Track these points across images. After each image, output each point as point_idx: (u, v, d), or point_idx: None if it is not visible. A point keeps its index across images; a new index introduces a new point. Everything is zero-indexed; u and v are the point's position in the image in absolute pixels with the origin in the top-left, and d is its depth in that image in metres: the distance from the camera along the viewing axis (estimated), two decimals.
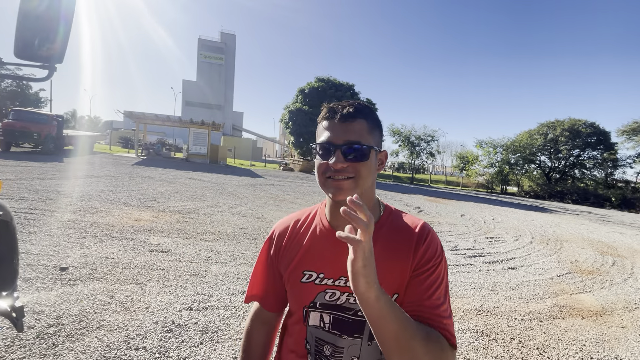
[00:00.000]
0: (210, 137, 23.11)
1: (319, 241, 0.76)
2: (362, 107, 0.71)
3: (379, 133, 0.74)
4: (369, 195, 0.73)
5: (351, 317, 0.71)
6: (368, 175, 0.69)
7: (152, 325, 2.40)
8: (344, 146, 0.67)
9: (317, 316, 0.73)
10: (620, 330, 3.20)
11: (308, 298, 0.74)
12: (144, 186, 8.83)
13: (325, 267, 0.73)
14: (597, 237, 8.61)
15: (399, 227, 0.75)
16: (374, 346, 0.70)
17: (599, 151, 30.30)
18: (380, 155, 0.74)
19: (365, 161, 0.68)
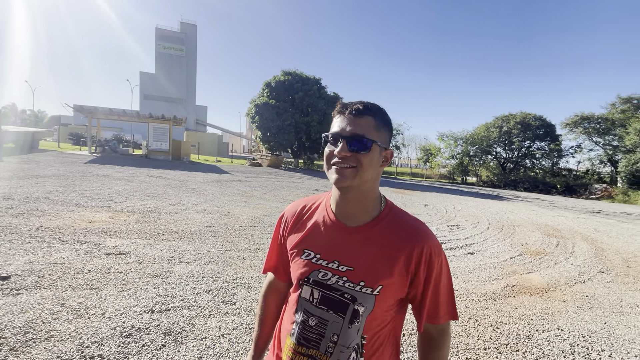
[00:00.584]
0: (172, 132, 22.02)
1: (321, 227, 0.84)
2: (372, 106, 0.77)
3: (386, 132, 0.79)
4: (370, 188, 0.79)
5: (338, 297, 0.78)
6: (369, 167, 0.74)
7: (109, 332, 2.27)
8: (349, 137, 0.74)
9: (308, 290, 0.81)
10: (562, 303, 3.54)
11: (304, 273, 0.82)
12: (98, 185, 8.26)
13: (322, 250, 0.81)
14: (544, 221, 9.40)
15: (397, 224, 0.80)
16: (354, 329, 0.76)
17: (547, 142, 32.96)
18: (386, 153, 0.80)
19: (367, 153, 0.74)
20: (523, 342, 2.68)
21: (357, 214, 0.80)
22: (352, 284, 0.76)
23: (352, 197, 0.78)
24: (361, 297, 0.76)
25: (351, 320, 0.76)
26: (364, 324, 0.77)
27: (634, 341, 2.84)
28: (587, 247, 6.38)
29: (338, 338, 0.77)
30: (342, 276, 0.77)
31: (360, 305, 0.76)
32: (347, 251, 0.79)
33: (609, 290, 4.06)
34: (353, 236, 0.79)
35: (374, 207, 0.81)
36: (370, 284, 0.75)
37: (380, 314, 0.78)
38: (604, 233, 8.19)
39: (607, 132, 29.31)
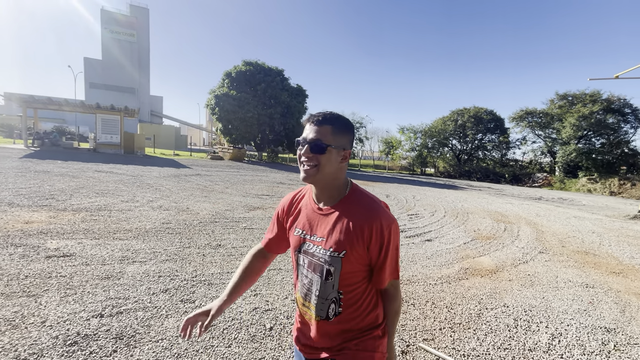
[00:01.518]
0: (124, 124, 20.50)
1: (306, 210, 1.09)
2: (331, 116, 0.98)
3: (344, 136, 0.99)
4: (333, 179, 1.01)
5: (317, 261, 1.01)
6: (327, 164, 0.96)
7: (50, 341, 2.07)
8: (309, 142, 0.96)
9: (301, 258, 1.07)
10: (508, 283, 3.86)
11: (297, 245, 1.08)
12: (37, 182, 7.47)
13: (306, 227, 1.07)
14: (494, 208, 10.16)
15: (357, 204, 1.01)
16: (329, 285, 1.00)
17: (496, 135, 35.48)
18: (344, 152, 1.00)
19: (323, 154, 0.95)
20: (474, 320, 2.88)
21: (327, 198, 1.05)
22: (325, 251, 0.99)
23: (320, 187, 1.03)
24: (331, 259, 0.98)
25: (326, 277, 0.99)
26: (337, 281, 0.99)
27: (566, 312, 3.17)
28: (529, 230, 7.01)
29: (319, 292, 1.01)
30: (319, 245, 1.01)
31: (331, 265, 0.98)
32: (322, 227, 1.02)
33: (547, 269, 4.49)
34: (325, 215, 1.03)
35: (339, 192, 1.04)
36: (337, 250, 0.97)
37: (349, 273, 0.99)
38: (543, 217, 9.04)
39: (547, 126, 32.21)
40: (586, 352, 2.50)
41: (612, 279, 4.28)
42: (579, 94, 29.79)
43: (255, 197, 8.56)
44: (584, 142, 29.23)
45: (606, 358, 2.45)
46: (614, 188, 23.06)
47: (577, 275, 4.31)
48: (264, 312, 2.73)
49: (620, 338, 2.76)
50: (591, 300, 3.52)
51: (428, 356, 2.32)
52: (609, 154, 27.74)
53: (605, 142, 28.45)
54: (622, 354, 2.53)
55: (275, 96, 25.43)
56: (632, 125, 28.30)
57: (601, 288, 3.90)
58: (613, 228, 8.15)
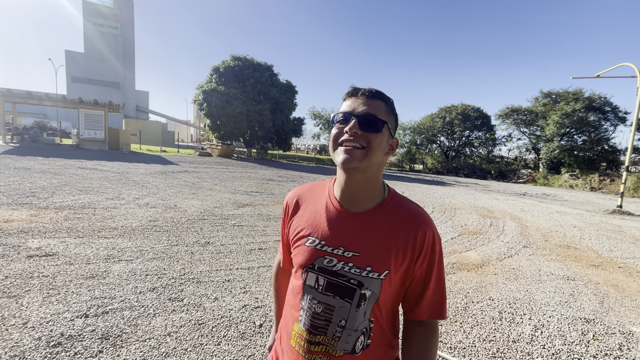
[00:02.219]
0: (108, 119, 19.98)
1: (325, 213, 0.83)
2: (383, 93, 0.79)
3: (394, 120, 0.80)
4: (375, 173, 0.79)
5: (344, 282, 0.78)
6: (378, 149, 0.74)
7: (32, 343, 2.01)
8: (362, 116, 0.74)
9: (313, 277, 0.81)
10: (493, 276, 3.95)
11: (308, 260, 0.81)
12: (16, 180, 7.23)
13: (327, 236, 0.81)
14: (480, 204, 10.37)
15: (401, 210, 0.81)
16: (361, 312, 0.77)
17: (483, 132, 36.14)
18: (392, 141, 0.79)
19: (379, 133, 0.74)
20: (460, 314, 2.95)
21: (361, 199, 0.80)
22: (359, 270, 0.77)
23: (358, 181, 0.78)
24: (368, 282, 0.76)
25: (358, 304, 0.77)
26: (371, 307, 0.78)
27: (548, 304, 3.28)
28: (514, 225, 7.18)
29: (346, 322, 0.78)
30: (348, 262, 0.77)
31: (367, 289, 0.76)
32: (352, 237, 0.79)
33: (531, 262, 4.62)
34: (357, 222, 0.79)
35: (377, 193, 0.82)
36: (377, 269, 0.76)
37: (387, 297, 0.79)
38: (528, 212, 9.28)
39: (531, 123, 33.00)
40: (567, 342, 2.59)
41: (592, 271, 4.43)
42: (563, 92, 30.59)
43: (245, 194, 8.50)
44: (566, 139, 30.08)
45: (585, 347, 2.55)
46: (595, 184, 23.84)
47: (559, 268, 4.45)
48: (253, 309, 2.72)
49: (599, 328, 2.87)
50: (572, 292, 3.64)
51: None
52: (590, 150, 28.65)
53: (586, 139, 29.36)
54: (600, 343, 2.63)
55: (264, 92, 25.20)
56: (612, 123, 29.30)
57: (581, 280, 4.04)
58: (593, 222, 8.43)
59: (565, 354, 2.44)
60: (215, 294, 2.91)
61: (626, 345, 2.63)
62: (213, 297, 2.85)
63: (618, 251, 5.60)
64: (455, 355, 2.33)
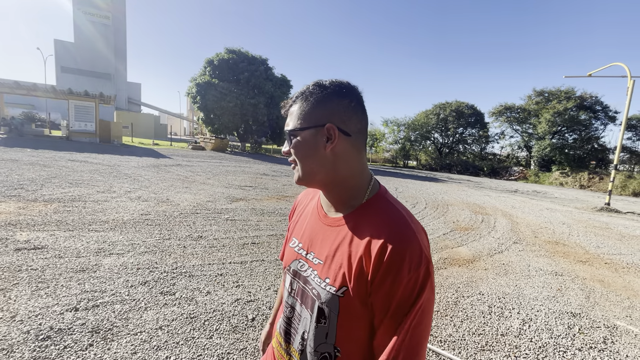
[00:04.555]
0: (99, 111, 19.62)
1: (309, 216, 0.80)
2: (303, 90, 0.68)
3: (322, 107, 0.65)
4: (331, 178, 0.68)
5: (309, 290, 0.71)
6: (305, 157, 0.67)
7: (20, 336, 1.99)
8: (287, 135, 0.70)
9: (289, 280, 0.78)
10: (484, 272, 4.01)
11: (288, 262, 0.80)
12: (4, 171, 7.08)
13: (304, 239, 0.77)
14: (473, 200, 10.48)
15: (374, 219, 0.65)
16: (321, 330, 0.67)
17: (476, 129, 36.42)
18: (325, 129, 0.65)
19: (297, 141, 0.67)
20: (451, 308, 2.99)
21: (335, 204, 0.73)
22: (319, 280, 0.67)
23: (323, 189, 0.73)
24: (324, 295, 0.65)
25: (317, 319, 0.67)
26: (334, 330, 0.65)
27: (536, 299, 3.34)
28: (505, 221, 7.29)
29: (307, 336, 0.69)
30: (314, 269, 0.70)
31: (324, 304, 0.65)
32: (323, 243, 0.71)
33: (520, 258, 4.70)
34: (330, 227, 0.71)
35: (353, 196, 0.69)
36: (334, 282, 0.64)
37: (350, 322, 0.64)
38: (518, 209, 9.42)
39: (524, 121, 33.33)
40: (553, 336, 2.65)
41: (579, 267, 4.53)
42: (555, 90, 30.93)
43: (238, 188, 8.46)
44: (557, 137, 30.49)
45: (571, 341, 2.61)
46: (584, 181, 24.27)
47: (548, 264, 4.54)
48: (246, 303, 2.72)
49: (585, 322, 2.94)
50: (559, 287, 3.72)
51: None
52: (580, 149, 29.10)
53: (577, 138, 29.80)
54: (585, 336, 2.70)
55: (258, 86, 24.97)
56: (602, 122, 29.77)
57: (569, 276, 4.12)
58: (581, 219, 8.60)
59: (552, 347, 2.50)
60: (207, 287, 2.90)
61: (610, 338, 2.70)
62: (205, 291, 2.84)
63: (605, 247, 5.72)
64: (445, 348, 2.37)
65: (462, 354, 2.31)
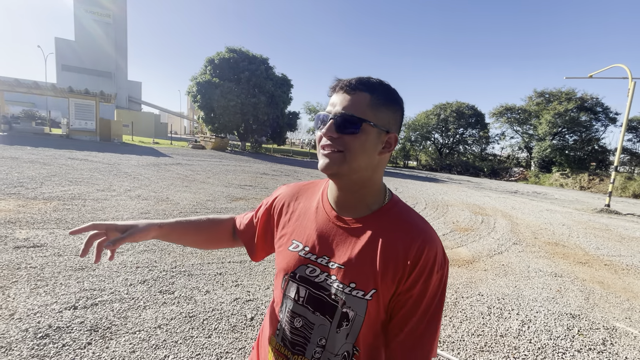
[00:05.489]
0: (100, 110, 19.62)
1: (314, 216, 0.75)
2: (368, 81, 0.65)
3: (388, 112, 0.66)
4: (366, 178, 0.68)
5: (325, 297, 0.68)
6: (359, 152, 0.63)
7: (19, 334, 1.99)
8: (337, 116, 0.64)
9: (294, 287, 0.72)
10: (483, 272, 4.01)
11: (290, 267, 0.73)
12: (4, 169, 7.07)
13: (312, 242, 0.72)
14: (472, 201, 10.48)
15: (401, 221, 0.69)
16: (342, 334, 0.67)
17: (477, 130, 36.41)
18: (387, 137, 0.67)
19: (356, 134, 0.63)
20: (450, 308, 2.99)
21: (354, 206, 0.71)
22: (342, 285, 0.66)
23: (345, 186, 0.69)
24: (351, 300, 0.65)
25: (339, 324, 0.67)
26: (357, 331, 0.66)
27: (536, 300, 3.34)
28: (505, 222, 7.28)
29: (326, 342, 0.68)
30: (332, 274, 0.67)
31: (350, 309, 0.65)
32: (339, 246, 0.69)
33: (520, 259, 4.70)
34: (348, 230, 0.69)
35: (374, 200, 0.71)
36: (362, 286, 0.65)
37: (375, 324, 0.67)
38: (518, 210, 9.41)
39: (524, 122, 33.34)
40: (553, 337, 2.65)
41: (579, 268, 4.53)
42: (556, 91, 30.92)
43: (238, 187, 8.45)
44: (558, 138, 30.48)
45: (570, 342, 2.60)
46: (584, 183, 24.26)
47: (547, 265, 4.53)
48: (245, 302, 2.72)
49: (584, 323, 2.94)
50: (559, 288, 3.72)
51: None
52: (581, 150, 29.10)
53: (577, 139, 29.80)
54: (584, 338, 2.69)
55: (259, 85, 24.96)
56: (603, 123, 29.77)
57: (568, 277, 4.12)
58: (581, 221, 8.60)
59: (551, 348, 2.49)
60: (206, 287, 2.90)
61: (609, 340, 2.70)
62: (204, 290, 2.84)
63: (605, 249, 5.72)
64: (444, 349, 2.36)
65: (461, 355, 2.31)
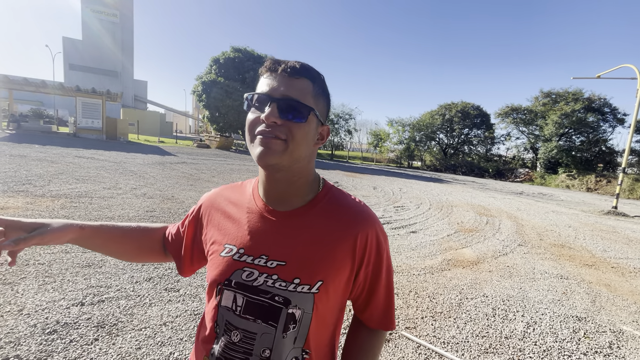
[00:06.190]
0: (106, 108, 19.80)
1: (245, 215, 0.69)
2: (309, 68, 0.62)
3: (324, 104, 0.65)
4: (304, 169, 0.66)
5: (268, 300, 0.61)
6: (303, 142, 0.60)
7: (27, 329, 2.02)
8: (282, 100, 0.58)
9: (230, 296, 0.64)
10: (488, 274, 3.99)
11: (224, 275, 0.65)
12: (12, 167, 7.17)
13: (246, 243, 0.66)
14: (477, 202, 10.41)
15: (338, 207, 0.67)
16: (289, 338, 0.62)
17: (482, 130, 36.14)
18: (322, 129, 0.66)
19: (303, 123, 0.59)
20: (455, 309, 2.97)
21: (289, 198, 0.67)
22: (285, 283, 0.61)
23: (282, 178, 0.64)
24: (296, 298, 0.61)
25: (285, 327, 0.61)
26: (305, 332, 0.63)
27: (541, 302, 3.31)
28: (510, 224, 7.23)
29: (271, 353, 0.61)
30: (272, 274, 0.62)
31: (296, 307, 0.61)
32: (277, 242, 0.64)
33: (525, 261, 4.66)
34: (284, 223, 0.65)
35: (309, 190, 0.68)
36: (307, 280, 0.61)
37: (325, 317, 0.65)
38: (524, 211, 9.34)
39: (530, 123, 33.00)
40: (558, 340, 2.63)
41: (585, 270, 4.48)
42: (563, 92, 30.56)
43: None
44: (564, 139, 30.14)
45: (576, 345, 2.58)
46: (591, 184, 23.98)
47: (553, 267, 4.49)
48: None
49: (590, 326, 2.91)
50: (565, 290, 3.68)
51: (410, 344, 2.39)
52: (588, 151, 28.75)
53: (584, 140, 29.44)
54: (590, 341, 2.67)
55: None
56: (611, 124, 29.35)
57: (574, 279, 4.08)
58: (588, 223, 8.50)
59: (557, 350, 2.47)
60: None
61: (616, 343, 2.67)
62: None
63: (612, 251, 5.65)
64: (448, 350, 2.36)
65: (466, 356, 2.30)
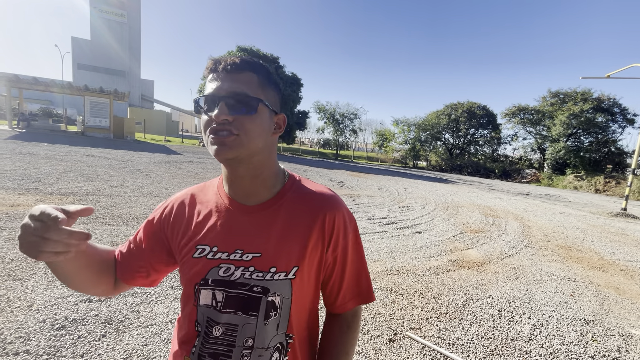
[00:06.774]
0: (113, 107, 20.02)
1: (215, 214, 0.69)
2: (251, 61, 0.63)
3: (274, 93, 0.67)
4: (265, 160, 0.67)
5: (246, 292, 0.64)
6: (257, 134, 0.61)
7: (37, 325, 2.05)
8: (228, 97, 0.59)
9: (208, 294, 0.65)
10: (494, 275, 3.96)
11: (199, 275, 0.66)
12: (22, 165, 7.29)
13: (219, 240, 0.66)
14: (483, 202, 10.33)
15: (304, 195, 0.70)
16: (272, 325, 0.65)
17: (489, 130, 35.82)
18: (277, 118, 0.68)
19: (253, 114, 0.60)
20: (460, 311, 2.96)
21: (256, 191, 0.68)
22: (262, 273, 0.64)
23: (244, 172, 0.65)
24: (274, 286, 0.64)
25: (266, 315, 0.64)
26: (287, 317, 0.66)
27: (548, 304, 3.28)
28: (517, 225, 7.16)
29: (254, 341, 0.64)
30: (249, 266, 0.64)
31: (275, 294, 0.64)
32: (251, 236, 0.66)
33: (532, 262, 4.61)
34: (254, 216, 0.67)
35: (274, 182, 0.70)
36: (283, 267, 0.64)
37: (303, 300, 0.68)
38: (530, 213, 9.24)
39: (538, 123, 32.62)
40: (565, 342, 2.60)
41: (593, 273, 4.42)
42: (571, 92, 30.15)
43: None
44: (573, 140, 29.73)
45: (584, 348, 2.55)
46: (599, 186, 23.64)
47: (560, 269, 4.44)
48: None
49: (598, 329, 2.87)
50: (572, 293, 3.64)
51: (415, 344, 2.38)
52: (596, 152, 28.31)
53: (593, 141, 29.00)
54: (598, 344, 2.63)
55: None
56: (620, 124, 28.87)
57: (582, 282, 4.03)
58: (596, 224, 8.39)
59: (564, 353, 2.45)
60: None
61: (625, 347, 2.63)
62: None
63: (620, 254, 5.57)
64: (453, 351, 2.34)
65: (471, 358, 2.29)
